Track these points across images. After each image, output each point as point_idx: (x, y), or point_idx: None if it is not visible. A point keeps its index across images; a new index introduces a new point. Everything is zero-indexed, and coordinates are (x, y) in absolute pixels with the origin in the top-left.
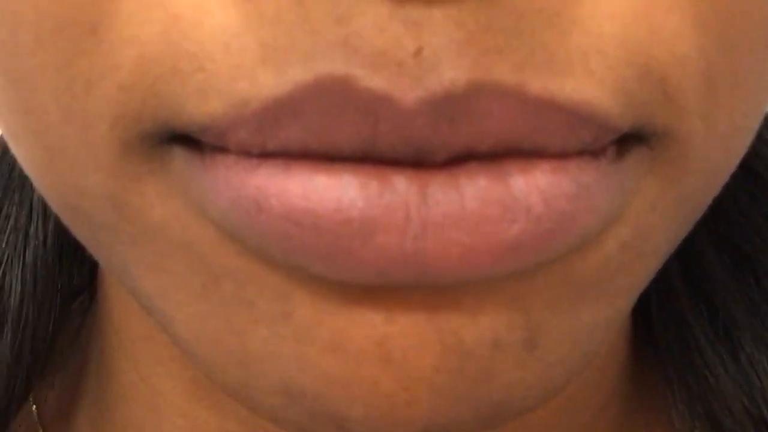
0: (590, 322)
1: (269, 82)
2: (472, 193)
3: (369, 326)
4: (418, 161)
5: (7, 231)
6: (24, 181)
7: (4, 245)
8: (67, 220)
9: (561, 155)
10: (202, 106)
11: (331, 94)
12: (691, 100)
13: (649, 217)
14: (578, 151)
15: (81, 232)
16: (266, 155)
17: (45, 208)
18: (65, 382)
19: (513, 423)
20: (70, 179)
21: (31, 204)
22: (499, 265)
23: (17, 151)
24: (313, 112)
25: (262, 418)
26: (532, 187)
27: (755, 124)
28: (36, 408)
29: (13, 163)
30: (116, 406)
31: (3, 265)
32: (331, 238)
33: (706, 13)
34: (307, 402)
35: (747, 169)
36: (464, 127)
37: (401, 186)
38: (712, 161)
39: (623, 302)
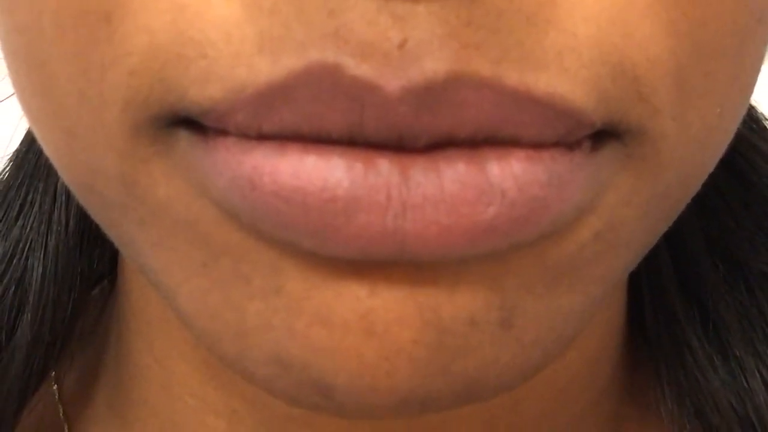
0: (565, 306)
1: (265, 69)
2: (451, 177)
3: (354, 300)
4: (401, 146)
5: (32, 216)
6: (49, 171)
7: (28, 230)
8: (82, 199)
9: (536, 146)
10: (203, 91)
11: (322, 81)
12: (663, 99)
13: (622, 211)
14: (553, 143)
15: (95, 211)
16: (262, 137)
17: (68, 196)
18: (85, 363)
19: (506, 414)
20: (85, 159)
21: (55, 192)
22: (474, 245)
23: (38, 133)
24: (304, 98)
25: (257, 387)
26: (507, 173)
27: (731, 126)
28: (57, 387)
29: (38, 154)
30: (132, 386)
31: (27, 248)
32: (318, 215)
33: (678, 18)
34: (295, 372)
35: (741, 177)
36: (444, 115)
37: (384, 168)
38: (686, 160)
39: (597, 291)
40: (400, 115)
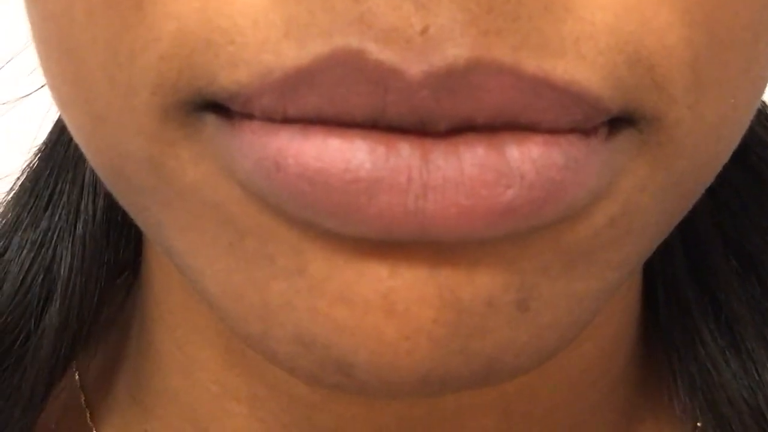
0: (581, 290)
1: (291, 54)
2: (470, 160)
3: (375, 279)
4: (422, 129)
5: (60, 206)
6: (78, 161)
7: (57, 219)
8: (111, 185)
9: (553, 131)
10: (231, 75)
11: (346, 66)
12: (678, 88)
13: (638, 197)
14: (570, 129)
15: (123, 196)
16: (287, 120)
17: (96, 186)
18: (107, 351)
19: (521, 403)
20: (115, 144)
21: (83, 182)
22: (493, 226)
23: (68, 119)
24: (329, 82)
25: (279, 367)
26: (526, 156)
27: (744, 118)
28: (78, 375)
29: (67, 144)
30: (153, 373)
31: (55, 237)
32: (341, 195)
33: (693, 8)
34: (317, 350)
35: (756, 176)
36: (464, 100)
37: (405, 152)
38: (700, 149)
39: (613, 276)
40: (421, 99)
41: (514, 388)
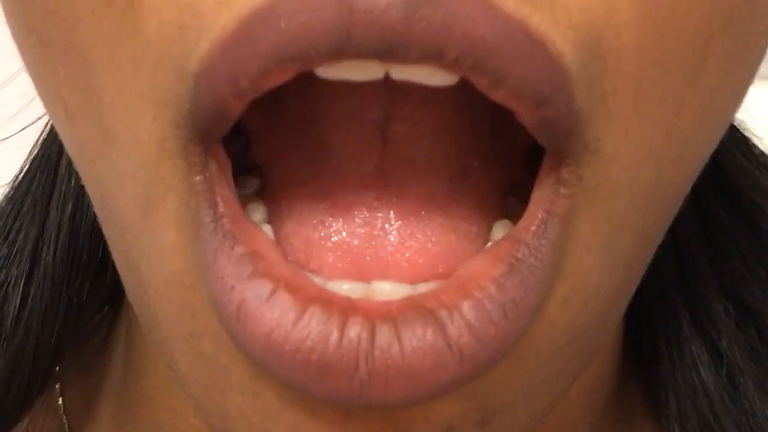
0: (543, 388)
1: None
2: (409, 344)
3: (327, 423)
4: (391, 55)
5: (16, 251)
6: (44, 201)
7: (12, 260)
8: (100, 214)
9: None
10: (197, 53)
11: None
12: (619, 102)
13: (585, 262)
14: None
15: (110, 237)
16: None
17: (59, 224)
18: (92, 379)
19: None
20: (119, 166)
21: (43, 226)
22: (438, 395)
23: (74, 133)
24: (289, 12)
25: None
26: (462, 327)
27: (692, 138)
28: (63, 400)
29: (31, 184)
30: (139, 405)
31: (10, 282)
32: (290, 373)
33: (650, 7)
34: None
35: (753, 225)
36: (435, 27)
37: (355, 334)
38: (640, 179)
39: (575, 365)
40: (391, 22)
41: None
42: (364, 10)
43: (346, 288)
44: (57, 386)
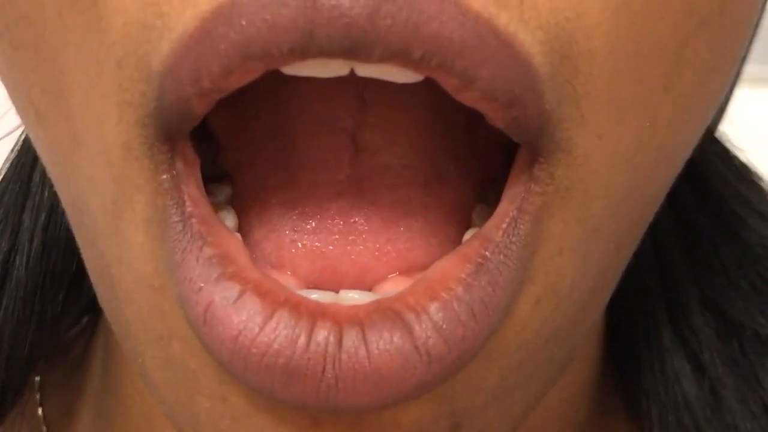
0: (520, 397)
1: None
2: (376, 347)
3: (296, 429)
4: (354, 54)
5: None
6: (16, 209)
7: None
8: (73, 220)
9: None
10: (160, 52)
11: None
12: (592, 104)
13: (557, 263)
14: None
15: (83, 244)
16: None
17: (33, 232)
18: (72, 388)
19: None
20: (88, 169)
21: (16, 238)
22: (406, 399)
23: (45, 137)
24: (252, 11)
25: None
26: (430, 329)
27: (665, 144)
28: (42, 409)
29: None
30: (117, 413)
31: None
32: (257, 377)
33: (623, 8)
34: None
35: (736, 236)
36: (402, 25)
37: (322, 338)
38: (614, 184)
39: (546, 372)
40: (355, 18)
41: None
42: (328, 6)
43: (315, 296)
44: (37, 396)
